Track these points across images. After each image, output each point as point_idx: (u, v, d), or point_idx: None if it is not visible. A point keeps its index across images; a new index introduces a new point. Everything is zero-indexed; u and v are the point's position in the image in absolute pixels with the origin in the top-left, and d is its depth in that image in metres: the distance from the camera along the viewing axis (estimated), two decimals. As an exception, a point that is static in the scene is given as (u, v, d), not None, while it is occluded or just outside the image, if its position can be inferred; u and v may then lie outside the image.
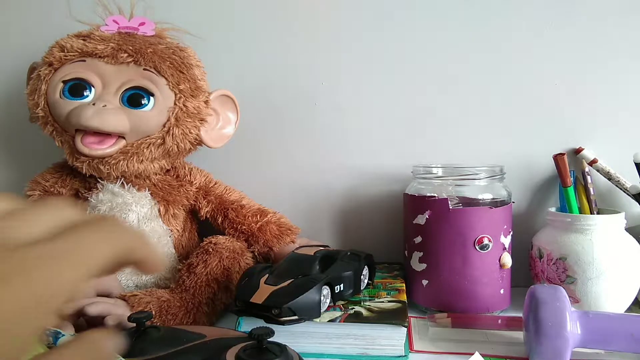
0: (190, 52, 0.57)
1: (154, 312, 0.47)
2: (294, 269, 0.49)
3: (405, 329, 0.46)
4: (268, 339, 0.36)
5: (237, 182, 0.64)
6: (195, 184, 0.60)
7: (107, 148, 0.51)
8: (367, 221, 0.70)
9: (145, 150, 0.53)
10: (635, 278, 0.55)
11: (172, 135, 0.53)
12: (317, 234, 0.70)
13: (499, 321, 0.51)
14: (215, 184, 0.62)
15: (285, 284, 0.46)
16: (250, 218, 0.60)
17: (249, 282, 0.47)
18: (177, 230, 0.59)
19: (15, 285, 0.16)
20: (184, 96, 0.53)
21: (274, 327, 0.38)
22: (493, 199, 0.56)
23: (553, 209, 0.62)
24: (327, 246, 0.59)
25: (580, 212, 0.60)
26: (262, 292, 0.45)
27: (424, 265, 0.57)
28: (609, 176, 0.63)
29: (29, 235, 0.17)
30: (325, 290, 0.47)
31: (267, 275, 0.48)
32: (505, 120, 0.67)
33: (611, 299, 0.55)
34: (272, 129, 0.69)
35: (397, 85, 0.68)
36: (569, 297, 0.46)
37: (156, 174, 0.57)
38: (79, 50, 0.52)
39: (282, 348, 0.36)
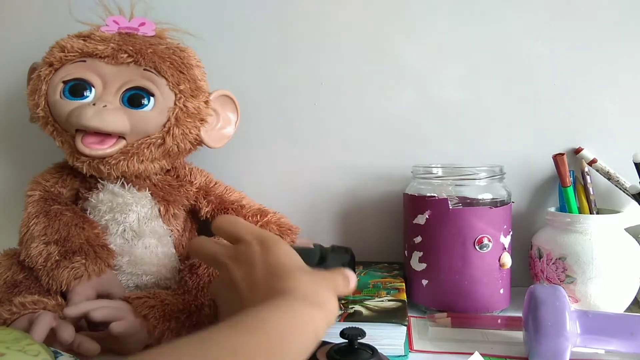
0: (191, 52, 0.57)
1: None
2: None
3: (405, 327, 0.46)
4: (359, 340, 0.37)
5: (237, 182, 0.64)
6: (196, 184, 0.60)
7: (108, 148, 0.51)
8: (367, 221, 0.70)
9: (145, 150, 0.53)
10: (635, 278, 0.55)
11: (172, 135, 0.53)
12: (317, 234, 0.70)
13: (499, 321, 0.51)
14: (216, 184, 0.62)
15: None
16: (250, 218, 0.60)
17: None
18: (178, 230, 0.59)
19: None
20: (184, 96, 0.53)
21: None
22: (493, 199, 0.56)
23: (553, 209, 0.62)
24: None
25: (580, 212, 0.60)
26: None
27: (423, 265, 0.57)
28: (608, 176, 0.63)
29: None
30: None
31: None
32: (505, 120, 0.67)
33: (610, 299, 0.55)
34: (272, 129, 0.69)
35: (397, 85, 0.68)
36: (569, 296, 0.46)
37: (156, 174, 0.57)
38: (79, 51, 0.52)
39: (374, 350, 0.37)
